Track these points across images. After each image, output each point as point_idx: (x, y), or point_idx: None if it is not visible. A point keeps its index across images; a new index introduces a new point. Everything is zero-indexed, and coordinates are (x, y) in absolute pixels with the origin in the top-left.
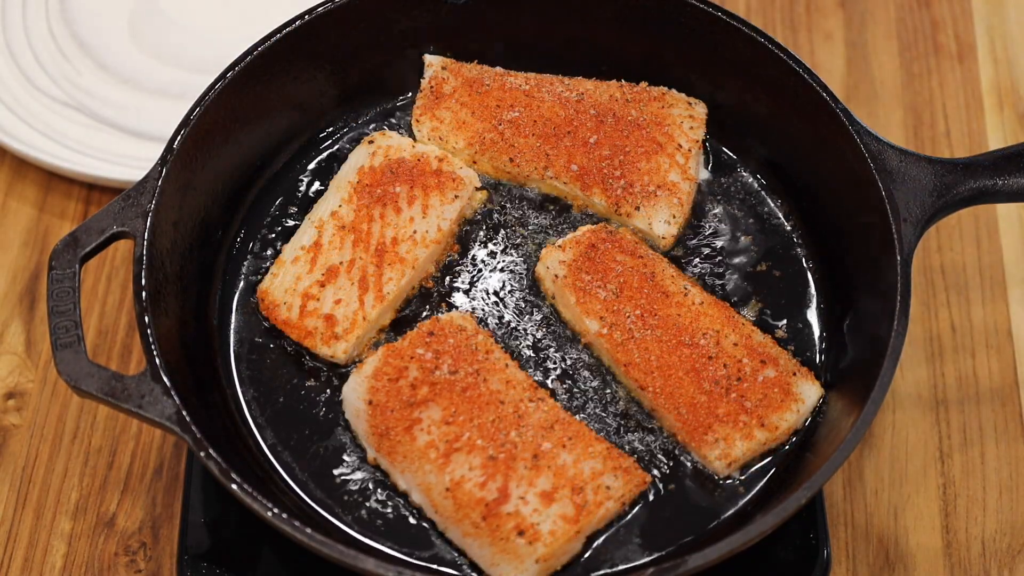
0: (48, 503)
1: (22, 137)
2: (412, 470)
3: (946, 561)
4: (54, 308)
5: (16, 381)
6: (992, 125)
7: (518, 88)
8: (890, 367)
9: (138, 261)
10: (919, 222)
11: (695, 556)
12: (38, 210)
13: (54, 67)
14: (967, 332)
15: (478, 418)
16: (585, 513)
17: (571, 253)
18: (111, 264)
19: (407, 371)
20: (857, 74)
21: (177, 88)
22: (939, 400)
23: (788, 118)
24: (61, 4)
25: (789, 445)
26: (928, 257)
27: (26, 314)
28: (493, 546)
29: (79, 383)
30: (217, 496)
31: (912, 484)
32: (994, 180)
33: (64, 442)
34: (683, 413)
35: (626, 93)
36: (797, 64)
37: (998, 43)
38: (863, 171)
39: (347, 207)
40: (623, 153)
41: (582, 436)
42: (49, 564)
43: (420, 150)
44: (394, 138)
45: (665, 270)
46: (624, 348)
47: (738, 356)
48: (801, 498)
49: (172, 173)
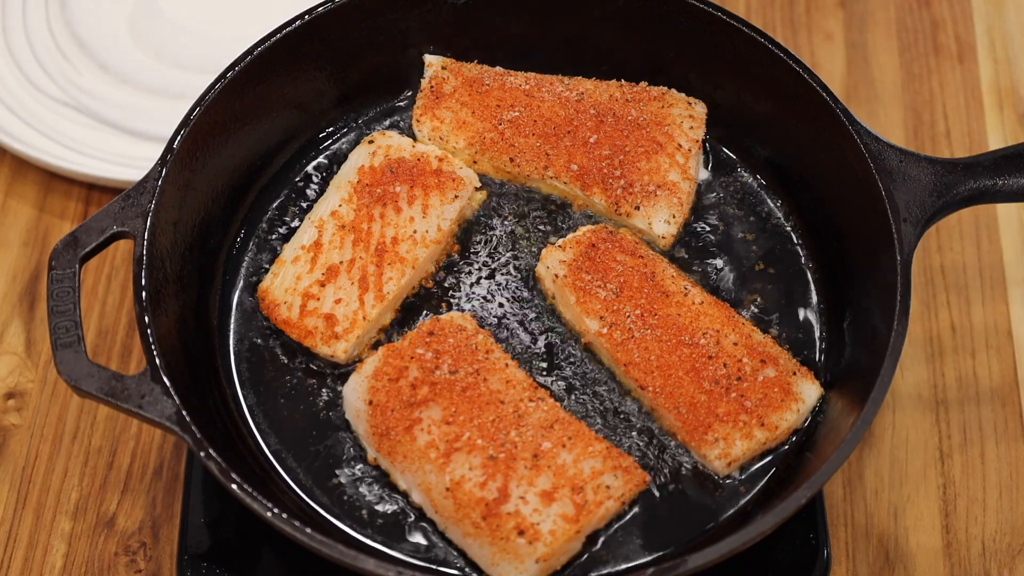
0: (48, 503)
1: (22, 137)
2: (412, 470)
3: (946, 561)
4: (54, 308)
5: (16, 381)
6: (992, 125)
7: (518, 88)
8: (890, 367)
9: (138, 261)
10: (919, 222)
11: (695, 556)
12: (38, 210)
13: (54, 67)
14: (967, 332)
15: (478, 418)
16: (585, 512)
17: (571, 253)
18: (111, 264)
19: (407, 371)
20: (857, 74)
21: (177, 88)
22: (939, 400)
23: (788, 118)
24: (61, 4)
25: (789, 445)
26: (928, 257)
27: (26, 314)
28: (493, 546)
29: (79, 383)
30: (217, 496)
31: (912, 484)
32: (994, 180)
33: (64, 442)
34: (683, 412)
35: (626, 93)
36: (797, 64)
37: (998, 43)
38: (863, 171)
39: (347, 207)
40: (623, 153)
41: (582, 435)
42: (49, 564)
43: (420, 150)
44: (394, 138)
45: (665, 270)
46: (624, 347)
47: (738, 356)
48: (801, 498)
49: (172, 173)
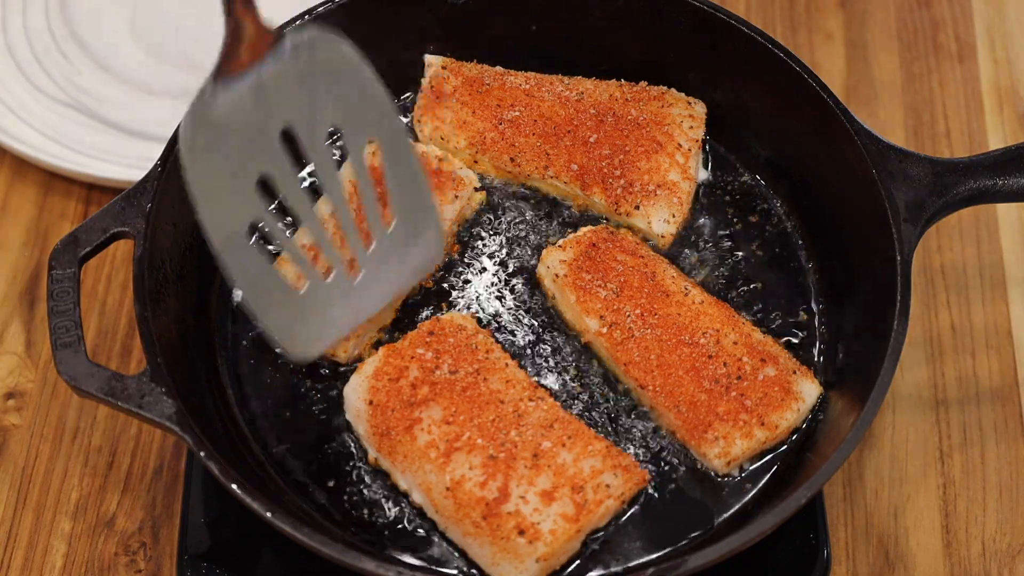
0: (48, 503)
1: (22, 137)
2: (413, 470)
3: (946, 561)
4: (54, 308)
5: (16, 381)
6: (992, 125)
7: (518, 87)
8: (890, 367)
9: (138, 261)
10: (919, 222)
11: (695, 556)
12: (38, 210)
13: (54, 67)
14: (967, 332)
15: (478, 417)
16: (585, 512)
17: (571, 252)
18: (111, 264)
19: (407, 371)
20: (857, 74)
21: (177, 88)
22: (939, 400)
23: (788, 118)
24: (61, 4)
25: (789, 444)
26: (928, 257)
27: (26, 314)
28: (494, 545)
29: (79, 383)
30: (217, 496)
31: (912, 484)
32: (994, 180)
33: (64, 442)
34: (683, 411)
35: (626, 92)
36: (797, 64)
37: (998, 43)
38: (863, 171)
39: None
40: (623, 152)
41: (581, 435)
42: (49, 564)
43: (420, 150)
44: None
45: (666, 270)
46: (624, 347)
47: (738, 355)
48: (801, 498)
49: (172, 173)
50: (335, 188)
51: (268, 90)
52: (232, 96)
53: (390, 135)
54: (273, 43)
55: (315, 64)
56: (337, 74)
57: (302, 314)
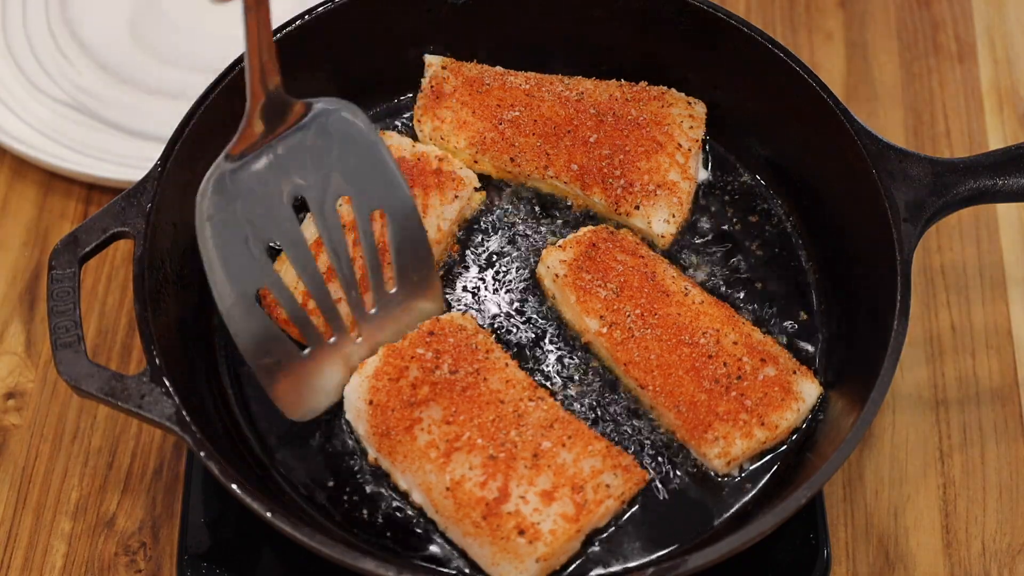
0: (48, 503)
1: (22, 137)
2: (413, 470)
3: (946, 561)
4: (54, 308)
5: (16, 381)
6: (992, 125)
7: (518, 87)
8: (890, 367)
9: (138, 261)
10: (919, 222)
11: (695, 556)
12: (38, 210)
13: (54, 67)
14: (967, 332)
15: (478, 417)
16: (585, 512)
17: (571, 252)
18: (111, 264)
19: (407, 371)
20: (857, 74)
21: (177, 88)
22: (939, 400)
23: (788, 118)
24: (61, 4)
25: (789, 444)
26: (928, 257)
27: (26, 314)
28: (494, 545)
29: (79, 383)
30: (217, 496)
31: (912, 484)
32: (994, 180)
33: (64, 442)
34: (683, 411)
35: (626, 92)
36: (797, 64)
37: (998, 43)
38: (863, 171)
39: (347, 206)
40: (623, 152)
41: (581, 435)
42: (49, 564)
43: (420, 149)
44: (394, 138)
45: (666, 270)
46: (624, 347)
47: (738, 355)
48: (801, 498)
49: (172, 173)
50: (343, 254)
51: (283, 160)
52: (248, 169)
53: (399, 208)
54: (290, 115)
55: (329, 135)
56: (350, 145)
57: (305, 376)
